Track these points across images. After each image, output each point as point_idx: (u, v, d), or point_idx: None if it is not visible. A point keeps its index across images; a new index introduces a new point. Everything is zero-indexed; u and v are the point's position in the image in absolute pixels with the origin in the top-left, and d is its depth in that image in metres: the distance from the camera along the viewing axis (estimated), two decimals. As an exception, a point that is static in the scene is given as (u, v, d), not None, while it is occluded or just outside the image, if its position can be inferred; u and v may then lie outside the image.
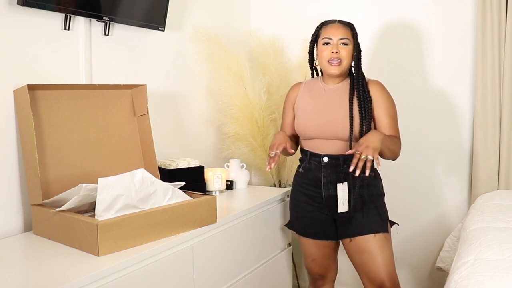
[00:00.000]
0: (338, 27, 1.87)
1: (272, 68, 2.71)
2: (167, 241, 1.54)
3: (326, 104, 1.93)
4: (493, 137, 2.44)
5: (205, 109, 2.65)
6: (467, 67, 2.57)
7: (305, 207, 1.99)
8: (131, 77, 2.14)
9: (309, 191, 1.96)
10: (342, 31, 1.86)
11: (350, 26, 1.90)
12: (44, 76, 1.76)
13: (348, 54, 1.87)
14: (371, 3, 2.73)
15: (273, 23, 2.97)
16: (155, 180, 1.60)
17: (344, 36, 1.85)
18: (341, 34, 1.86)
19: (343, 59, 1.85)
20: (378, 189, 1.96)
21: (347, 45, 1.86)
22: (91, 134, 1.82)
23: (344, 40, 1.85)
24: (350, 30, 1.88)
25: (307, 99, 1.99)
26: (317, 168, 1.92)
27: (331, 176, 1.90)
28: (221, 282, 1.85)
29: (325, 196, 1.92)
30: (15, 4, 1.60)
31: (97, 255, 1.39)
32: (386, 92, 1.92)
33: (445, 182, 2.64)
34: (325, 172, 1.91)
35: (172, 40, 2.40)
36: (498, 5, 2.38)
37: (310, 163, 1.95)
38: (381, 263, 1.87)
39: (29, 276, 1.33)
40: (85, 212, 1.62)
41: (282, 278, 2.33)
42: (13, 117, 1.66)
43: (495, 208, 2.10)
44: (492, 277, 1.36)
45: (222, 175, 2.30)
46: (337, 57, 1.85)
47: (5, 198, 1.65)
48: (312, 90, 2.00)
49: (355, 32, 1.90)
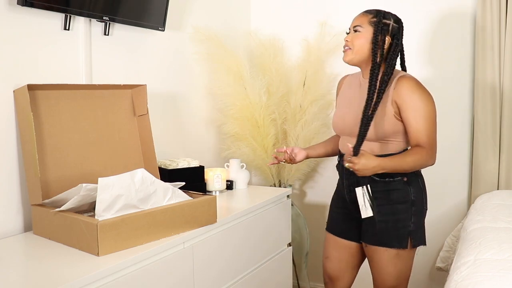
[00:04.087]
0: (358, 16, 1.81)
1: (272, 68, 2.71)
2: (167, 241, 1.54)
3: (354, 99, 1.84)
4: (493, 137, 2.44)
5: (205, 109, 2.65)
6: (467, 67, 2.57)
7: (336, 204, 1.99)
8: (131, 77, 2.14)
9: (340, 192, 1.94)
10: (358, 18, 1.79)
11: (371, 13, 1.77)
12: (44, 76, 1.76)
13: (359, 41, 1.76)
14: (371, 3, 2.73)
15: (273, 23, 2.97)
16: (155, 180, 1.60)
17: (358, 23, 1.78)
18: (356, 22, 1.79)
19: (352, 47, 1.78)
20: (406, 197, 1.75)
21: (358, 31, 1.77)
22: (91, 134, 1.82)
23: (356, 27, 1.78)
24: (368, 18, 1.76)
25: (345, 93, 1.93)
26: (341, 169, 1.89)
27: (352, 179, 1.80)
28: (221, 282, 1.85)
29: (349, 199, 1.87)
30: (15, 4, 1.60)
31: (97, 255, 1.39)
32: (416, 91, 1.69)
33: (445, 182, 2.64)
34: (346, 174, 1.83)
35: (172, 40, 2.40)
36: (498, 5, 2.38)
37: (339, 163, 1.91)
38: (386, 279, 1.81)
39: (29, 276, 1.32)
40: (85, 212, 1.62)
41: (282, 278, 2.32)
42: (13, 117, 1.66)
43: (495, 208, 2.10)
44: (492, 277, 1.36)
45: (222, 175, 2.30)
46: (346, 44, 1.80)
47: (5, 198, 1.65)
48: (351, 84, 1.92)
49: (377, 19, 1.74)
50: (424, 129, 1.68)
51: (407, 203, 1.76)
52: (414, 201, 1.77)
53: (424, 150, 1.68)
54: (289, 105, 2.71)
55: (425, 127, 1.68)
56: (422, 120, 1.68)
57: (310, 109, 2.67)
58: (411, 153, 1.70)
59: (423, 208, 1.82)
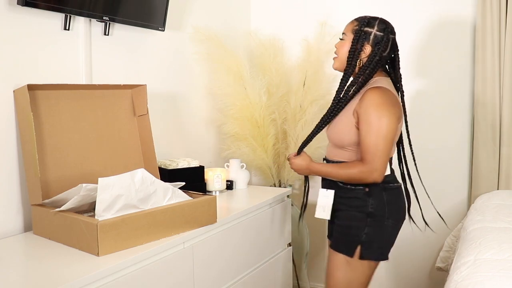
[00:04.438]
0: (347, 23, 1.80)
1: (272, 68, 2.71)
2: (167, 241, 1.54)
3: None
4: (493, 137, 2.44)
5: (205, 109, 2.65)
6: (467, 67, 2.57)
7: None
8: (131, 77, 2.14)
9: None
10: (346, 26, 1.79)
11: (358, 20, 1.75)
12: (44, 76, 1.76)
13: (342, 49, 1.77)
14: (371, 3, 2.73)
15: (273, 23, 2.97)
16: (155, 180, 1.60)
17: (344, 31, 1.79)
18: (344, 29, 1.80)
19: (338, 54, 1.80)
20: (364, 207, 1.72)
21: (342, 40, 1.78)
22: (91, 134, 1.82)
23: (342, 35, 1.79)
24: (353, 25, 1.75)
25: None
26: None
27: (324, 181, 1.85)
28: (221, 282, 1.85)
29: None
30: (15, 4, 1.60)
31: (97, 255, 1.39)
32: (374, 106, 1.63)
33: (445, 182, 2.64)
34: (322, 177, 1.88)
35: (172, 40, 2.40)
36: (498, 5, 2.38)
37: None
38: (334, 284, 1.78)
39: (29, 276, 1.32)
40: (85, 212, 1.62)
41: (282, 278, 2.33)
42: (13, 117, 1.66)
43: (495, 208, 2.10)
44: (492, 277, 1.37)
45: (222, 175, 2.30)
46: (334, 52, 1.82)
47: (5, 198, 1.65)
48: None
49: (358, 27, 1.72)
50: (371, 145, 1.62)
51: (363, 213, 1.72)
52: (372, 213, 1.71)
53: (363, 166, 1.64)
54: (289, 105, 2.71)
55: (373, 143, 1.62)
56: (372, 136, 1.62)
57: (310, 109, 2.67)
58: (349, 166, 1.70)
59: (385, 222, 1.73)
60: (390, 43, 1.73)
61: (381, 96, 1.65)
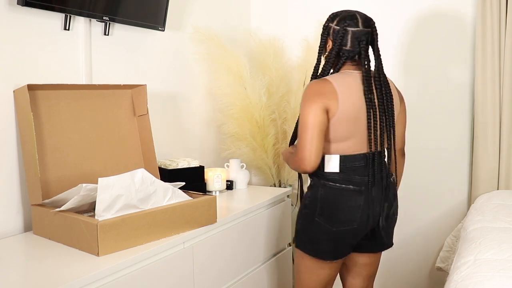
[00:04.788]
0: None
1: (272, 68, 2.71)
2: (167, 241, 1.54)
3: None
4: (493, 137, 2.44)
5: (205, 109, 2.65)
6: (467, 67, 2.57)
7: None
8: (131, 77, 2.14)
9: None
10: None
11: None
12: (44, 76, 1.76)
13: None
14: (371, 3, 2.73)
15: (273, 23, 2.97)
16: (155, 180, 1.60)
17: None
18: None
19: None
20: (305, 199, 1.75)
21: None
22: (91, 134, 1.82)
23: None
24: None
25: None
26: None
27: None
28: (221, 282, 1.85)
29: None
30: (15, 4, 1.60)
31: (97, 255, 1.39)
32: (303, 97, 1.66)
33: (445, 182, 2.64)
34: None
35: (172, 40, 2.40)
36: (498, 5, 2.38)
37: None
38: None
39: (29, 276, 1.33)
40: (85, 212, 1.62)
41: (282, 278, 2.33)
42: (13, 117, 1.66)
43: (495, 208, 2.10)
44: (492, 277, 1.37)
45: (222, 175, 2.30)
46: None
47: (5, 198, 1.65)
48: None
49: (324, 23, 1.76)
50: (299, 135, 1.65)
51: (303, 204, 1.77)
52: (307, 205, 1.73)
53: (296, 155, 1.67)
54: (289, 105, 2.71)
55: (299, 133, 1.64)
56: (299, 126, 1.66)
57: (310, 109, 2.67)
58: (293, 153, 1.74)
59: (315, 218, 1.69)
60: (350, 36, 1.68)
61: (309, 88, 1.67)
